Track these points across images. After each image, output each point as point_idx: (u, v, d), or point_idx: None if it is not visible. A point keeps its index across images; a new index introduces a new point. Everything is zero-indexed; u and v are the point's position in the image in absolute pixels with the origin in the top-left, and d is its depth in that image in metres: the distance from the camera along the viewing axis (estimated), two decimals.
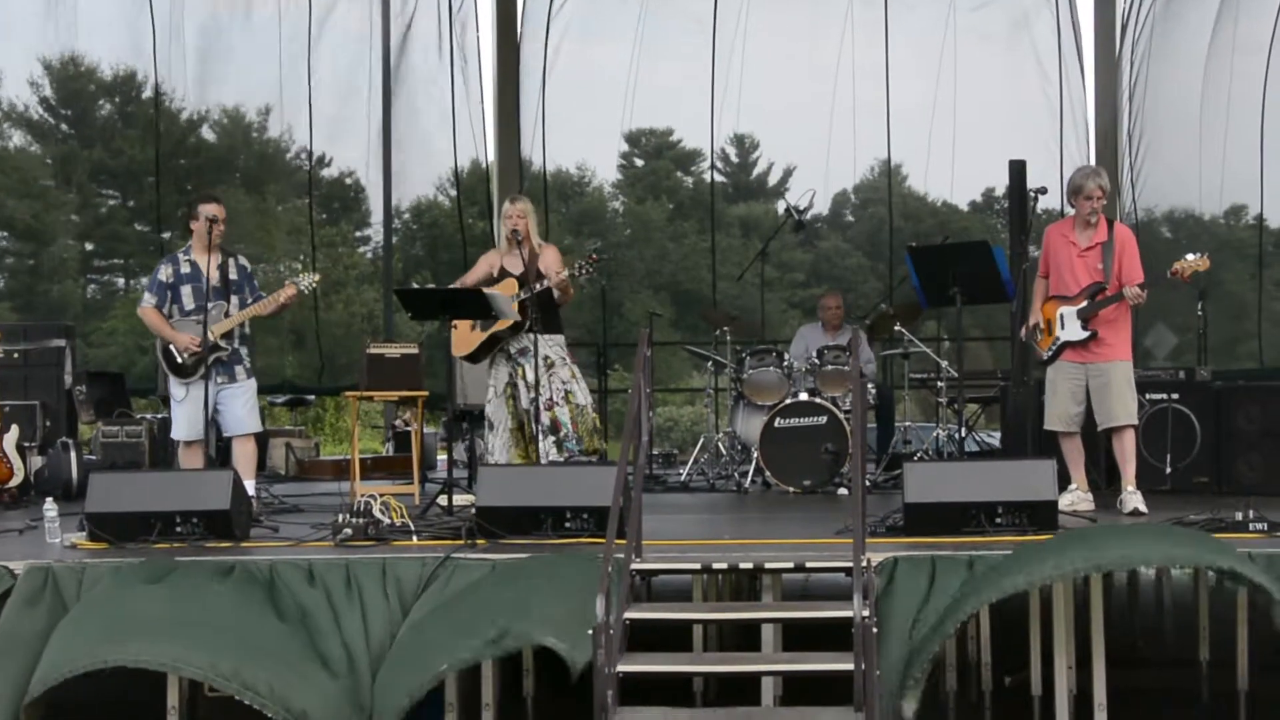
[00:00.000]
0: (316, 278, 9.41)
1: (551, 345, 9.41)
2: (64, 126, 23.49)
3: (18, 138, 19.71)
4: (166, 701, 6.73)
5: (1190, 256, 8.42)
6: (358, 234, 19.45)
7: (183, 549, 7.41)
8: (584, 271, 9.35)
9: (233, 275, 9.13)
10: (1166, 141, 14.86)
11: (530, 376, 9.35)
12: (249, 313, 9.10)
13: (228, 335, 9.04)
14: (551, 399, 9.35)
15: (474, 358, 9.63)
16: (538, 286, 9.23)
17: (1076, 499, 8.56)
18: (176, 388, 9.10)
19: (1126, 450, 8.58)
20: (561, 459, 9.28)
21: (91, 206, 21.73)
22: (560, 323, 9.64)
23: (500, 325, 9.35)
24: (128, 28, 15.67)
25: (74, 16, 15.66)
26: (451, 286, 9.59)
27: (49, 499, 8.19)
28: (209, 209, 9.09)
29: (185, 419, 9.08)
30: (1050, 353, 8.71)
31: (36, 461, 10.84)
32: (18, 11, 15.51)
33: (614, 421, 13.88)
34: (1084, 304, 8.54)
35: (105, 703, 6.76)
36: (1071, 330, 8.57)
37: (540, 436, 9.34)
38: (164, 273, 9.17)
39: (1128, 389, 8.56)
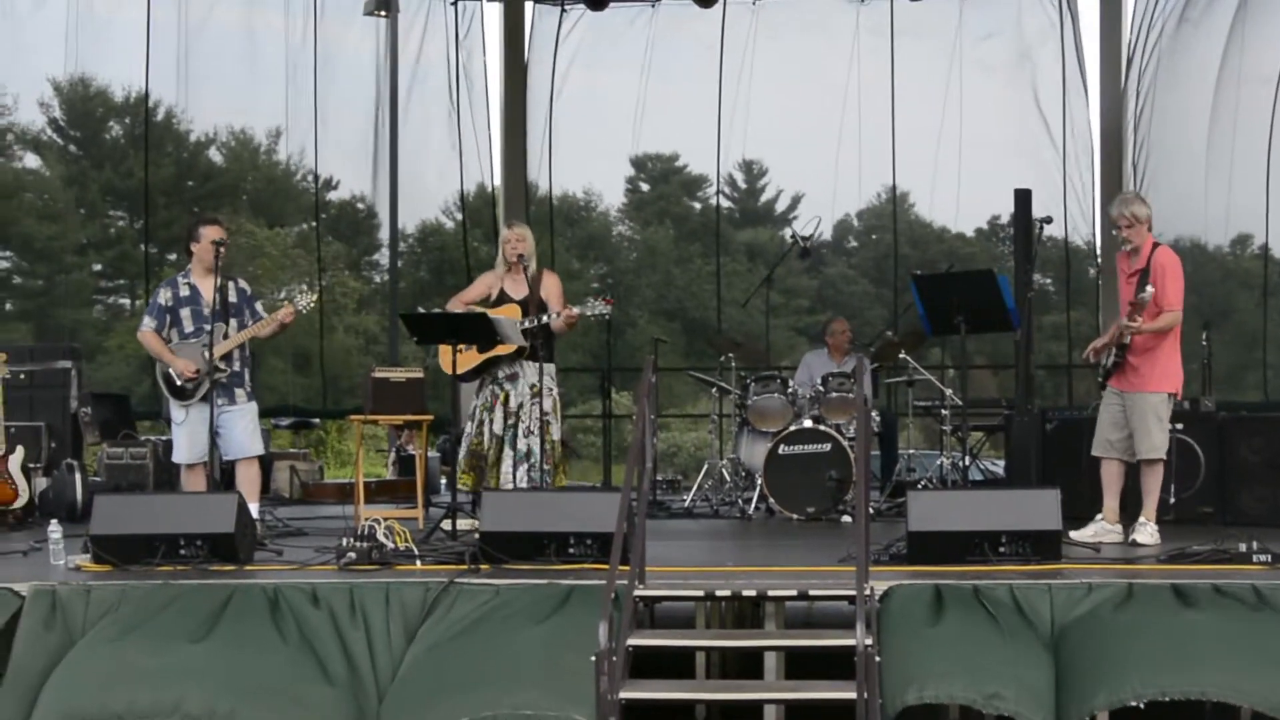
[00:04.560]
0: (314, 298, 9.40)
1: (543, 374, 9.43)
2: (72, 148, 23.55)
3: (30, 159, 19.76)
4: None
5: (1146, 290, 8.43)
6: (367, 258, 19.49)
7: (187, 571, 7.42)
8: (597, 316, 9.37)
9: (232, 298, 9.11)
10: (1172, 171, 14.87)
11: (513, 403, 9.38)
12: (247, 334, 9.08)
13: (227, 358, 9.01)
14: (530, 427, 9.35)
15: (467, 377, 9.63)
16: (542, 319, 9.26)
17: (1100, 530, 8.53)
18: (176, 411, 9.10)
19: (1146, 483, 8.55)
20: (525, 486, 9.28)
21: (101, 227, 21.79)
22: (554, 352, 9.67)
23: (502, 349, 9.36)
24: (138, 50, 15.72)
25: (85, 39, 15.73)
26: (450, 305, 9.62)
27: (54, 520, 8.20)
28: (212, 231, 9.08)
29: (185, 442, 9.08)
30: (1101, 379, 8.72)
31: (41, 483, 10.85)
32: (30, 34, 15.57)
33: (618, 446, 13.85)
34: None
35: None
36: (1110, 357, 8.59)
37: (510, 462, 9.33)
38: (163, 296, 9.16)
39: (1154, 422, 8.49)
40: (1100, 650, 6.40)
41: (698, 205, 25.40)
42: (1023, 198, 11.83)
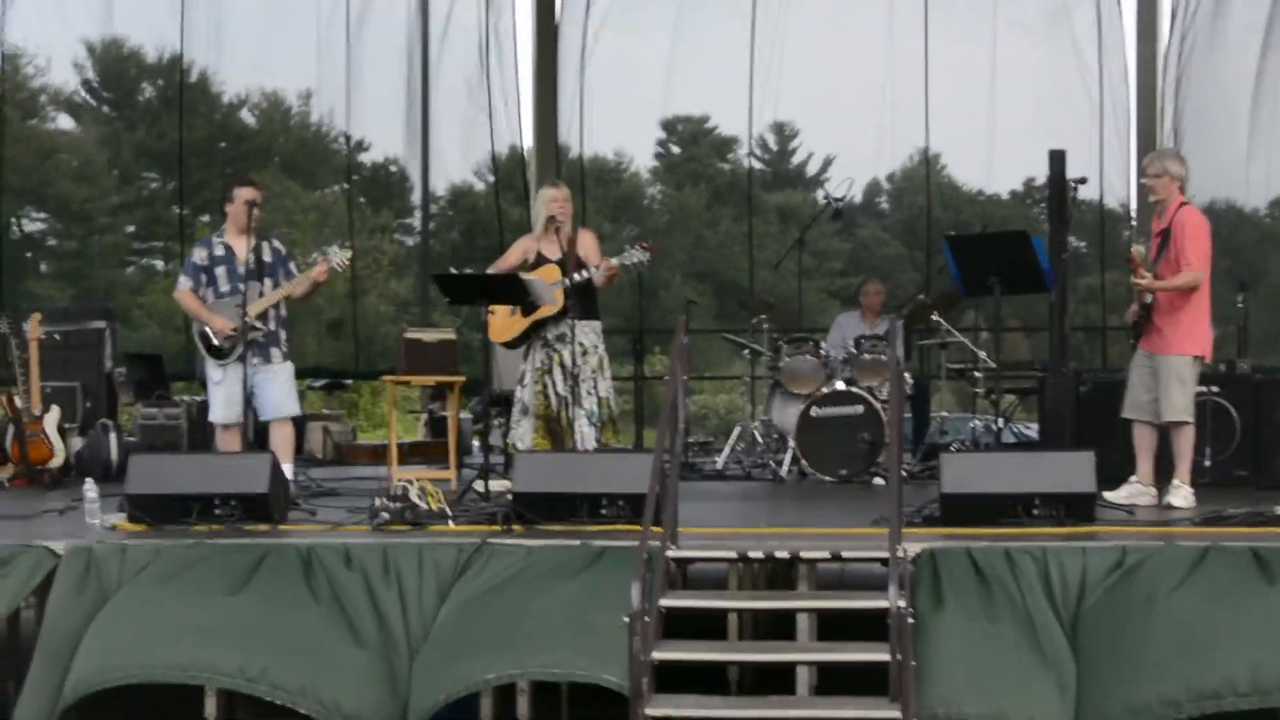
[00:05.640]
0: (348, 254, 9.39)
1: (587, 332, 9.40)
2: (105, 109, 23.58)
3: (64, 121, 19.80)
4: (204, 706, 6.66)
5: (1138, 247, 8.37)
6: (399, 221, 19.49)
7: (221, 531, 7.47)
8: (637, 265, 9.31)
9: (266, 258, 9.13)
10: (1213, 134, 14.77)
11: (567, 362, 9.34)
12: (282, 292, 9.08)
13: (262, 317, 9.02)
14: (589, 387, 9.31)
15: (514, 344, 9.61)
16: (579, 275, 9.21)
17: (1135, 491, 8.47)
18: (214, 370, 9.13)
19: (1177, 446, 8.47)
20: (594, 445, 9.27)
21: (134, 189, 21.84)
22: (597, 308, 9.63)
23: (545, 311, 9.32)
24: (170, 11, 15.73)
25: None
26: (489, 272, 9.60)
27: (89, 480, 8.25)
28: (246, 192, 9.10)
29: (223, 401, 9.10)
30: (1133, 341, 8.66)
31: (77, 443, 10.93)
32: None
33: (650, 408, 13.85)
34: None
35: (144, 692, 6.75)
36: (1136, 317, 8.53)
37: (580, 421, 9.32)
38: (199, 255, 9.19)
39: (1176, 384, 8.38)
40: (1128, 645, 6.33)
41: (727, 167, 25.32)
42: (1057, 159, 11.70)
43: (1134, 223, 15.64)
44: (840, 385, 10.68)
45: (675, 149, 28.34)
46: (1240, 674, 6.05)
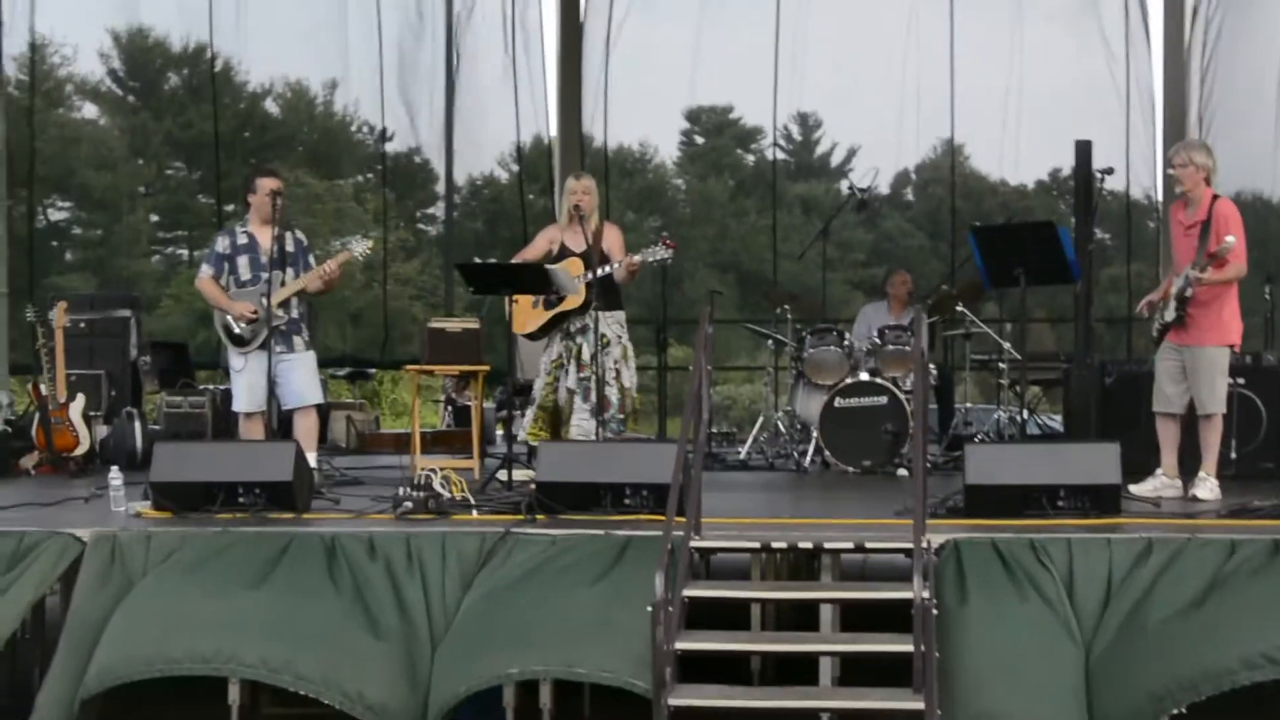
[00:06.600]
0: (370, 243, 9.40)
1: (610, 323, 9.36)
2: (131, 98, 23.66)
3: (89, 110, 19.88)
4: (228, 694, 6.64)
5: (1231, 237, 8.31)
6: (422, 210, 19.50)
7: (245, 519, 7.48)
8: (659, 261, 9.27)
9: (289, 248, 9.11)
10: (1239, 123, 14.68)
11: (585, 355, 9.32)
12: (304, 280, 9.09)
13: (285, 304, 9.03)
14: (603, 378, 9.28)
15: (536, 336, 9.60)
16: (603, 270, 9.18)
17: (1160, 485, 8.43)
18: (235, 359, 9.13)
19: (1205, 438, 8.43)
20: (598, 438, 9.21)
21: (160, 178, 21.91)
22: (620, 300, 9.60)
23: (568, 304, 9.31)
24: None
25: None
26: (513, 261, 9.58)
27: (114, 468, 8.28)
28: (269, 183, 9.11)
29: (245, 390, 9.10)
30: (1156, 334, 8.60)
31: (102, 431, 10.96)
32: None
33: (673, 398, 13.83)
34: (1181, 284, 8.41)
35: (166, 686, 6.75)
36: (1169, 311, 8.45)
37: (580, 413, 9.28)
38: (221, 244, 9.20)
39: (1219, 376, 8.36)
40: (1149, 636, 6.31)
41: (751, 157, 25.29)
42: (1083, 149, 11.66)
43: (1159, 213, 15.58)
44: (864, 376, 10.65)
45: (699, 139, 28.33)
46: (1253, 652, 6.05)
